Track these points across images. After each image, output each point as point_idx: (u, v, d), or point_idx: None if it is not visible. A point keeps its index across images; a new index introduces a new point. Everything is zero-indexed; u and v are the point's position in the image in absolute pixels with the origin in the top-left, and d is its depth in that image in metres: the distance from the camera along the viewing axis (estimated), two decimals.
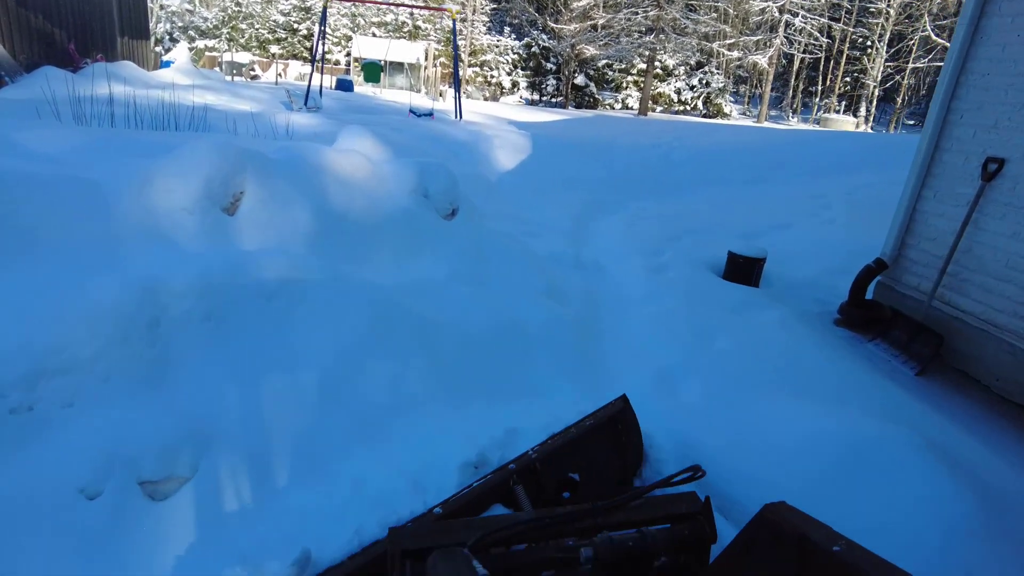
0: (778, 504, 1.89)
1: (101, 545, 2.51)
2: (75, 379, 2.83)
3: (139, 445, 2.80)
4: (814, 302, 7.05)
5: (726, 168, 13.38)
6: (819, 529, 1.75)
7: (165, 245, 3.60)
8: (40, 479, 2.56)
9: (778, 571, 1.79)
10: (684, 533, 2.22)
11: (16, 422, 2.64)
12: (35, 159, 3.76)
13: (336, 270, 4.13)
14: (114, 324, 3.01)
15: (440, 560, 1.78)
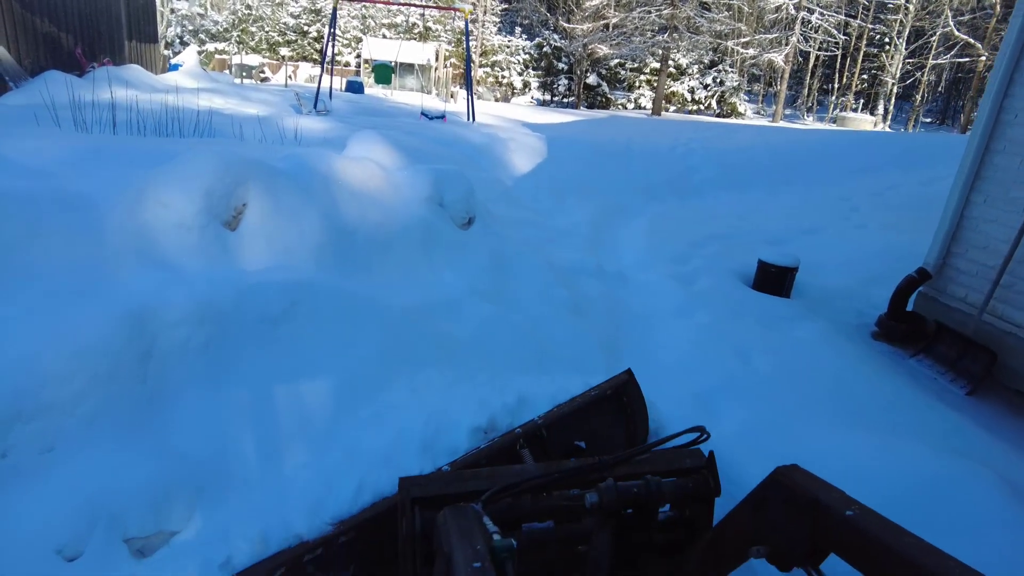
0: (790, 467, 1.86)
1: None
2: (55, 421, 2.53)
3: (127, 495, 2.49)
4: (850, 314, 6.67)
5: (747, 170, 12.98)
6: (832, 493, 1.70)
7: (159, 266, 3.29)
8: (12, 537, 2.26)
9: (789, 533, 1.76)
10: (689, 486, 2.23)
11: None
12: (19, 172, 3.47)
13: (347, 289, 3.81)
14: (100, 358, 2.70)
15: (451, 516, 1.78)
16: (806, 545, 1.70)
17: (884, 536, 1.50)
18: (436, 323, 4.08)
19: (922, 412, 4.64)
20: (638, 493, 1.98)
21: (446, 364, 3.75)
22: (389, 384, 3.29)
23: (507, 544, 1.60)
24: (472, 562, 1.50)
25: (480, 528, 1.70)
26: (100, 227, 3.20)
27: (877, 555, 1.51)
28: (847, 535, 1.58)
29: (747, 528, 1.93)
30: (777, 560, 1.82)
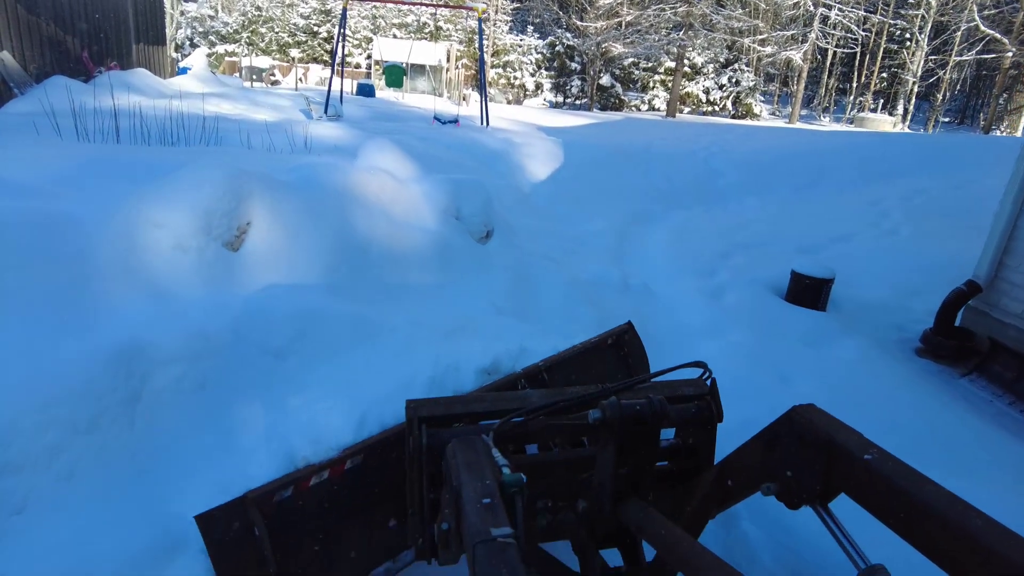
0: (807, 406, 1.84)
1: None
2: (26, 479, 2.22)
3: (110, 563, 2.18)
4: (890, 329, 6.28)
5: (771, 174, 12.57)
6: (850, 435, 1.68)
7: (152, 294, 2.97)
8: None
9: (801, 472, 1.74)
10: (692, 411, 2.25)
11: None
12: (3, 190, 3.17)
13: (359, 314, 3.48)
14: (80, 405, 2.39)
15: (459, 449, 1.76)
16: (818, 485, 1.69)
17: (903, 482, 1.46)
18: (455, 348, 3.75)
19: (991, 446, 4.26)
20: (641, 411, 1.95)
21: None
22: None
23: (516, 479, 1.57)
24: (481, 498, 1.48)
25: (489, 461, 1.69)
26: (86, 252, 2.89)
27: (895, 500, 1.47)
28: (864, 478, 1.57)
29: (757, 464, 1.94)
30: (786, 497, 1.81)
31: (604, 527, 2.15)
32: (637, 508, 2.01)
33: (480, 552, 1.27)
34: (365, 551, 2.47)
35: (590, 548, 2.19)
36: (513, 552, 1.26)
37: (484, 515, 1.41)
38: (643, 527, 1.93)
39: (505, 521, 1.39)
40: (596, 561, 2.18)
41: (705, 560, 1.64)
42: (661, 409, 1.96)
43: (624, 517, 2.04)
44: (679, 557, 1.72)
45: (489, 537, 1.30)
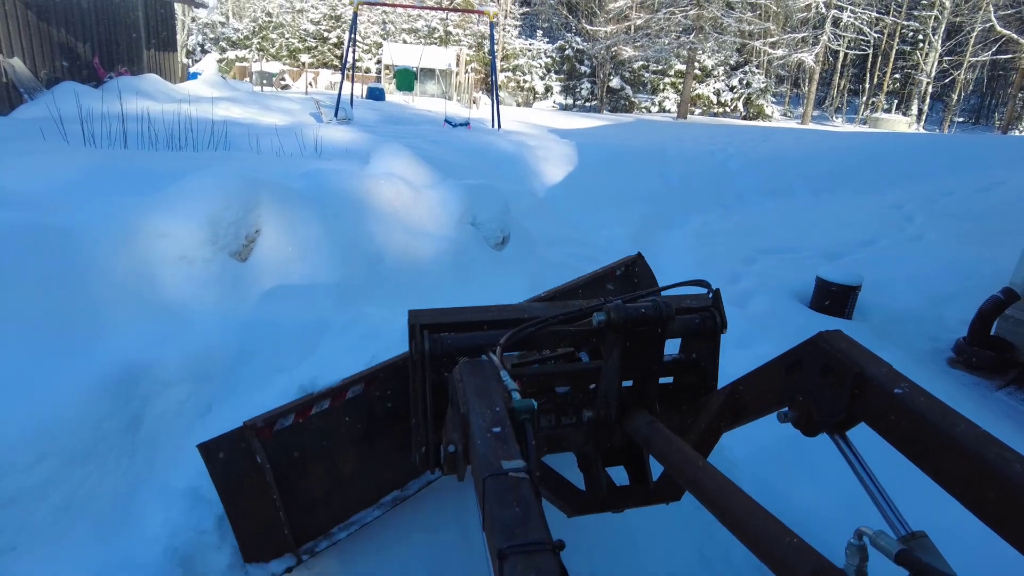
0: (834, 332, 1.77)
1: None
2: (18, 515, 2.06)
3: None
4: (921, 339, 6.05)
5: (789, 176, 12.34)
6: (879, 366, 1.59)
7: (155, 309, 2.81)
8: None
9: (824, 400, 1.68)
10: (695, 322, 2.23)
11: None
12: (9, 199, 3.02)
13: (373, 326, 3.31)
14: (77, 434, 2.23)
15: (467, 372, 1.71)
16: (841, 415, 1.63)
17: (936, 418, 1.40)
18: None
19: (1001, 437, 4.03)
20: (646, 312, 1.91)
21: None
22: None
23: (527, 405, 1.52)
24: (491, 427, 1.43)
25: (498, 386, 1.63)
26: (87, 267, 2.73)
27: (925, 437, 1.41)
28: (892, 412, 1.50)
29: (775, 388, 1.88)
30: (803, 424, 1.76)
31: (610, 439, 2.11)
32: (643, 420, 1.98)
33: (490, 486, 1.23)
34: (372, 480, 2.50)
35: (596, 464, 2.15)
36: (526, 487, 1.22)
37: (494, 446, 1.36)
38: (650, 440, 1.88)
39: (516, 452, 1.33)
40: (602, 477, 2.14)
41: (714, 479, 1.58)
42: (666, 311, 1.92)
43: (630, 429, 2.01)
44: (687, 475, 1.66)
45: (500, 471, 1.25)
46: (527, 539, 1.07)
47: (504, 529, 1.10)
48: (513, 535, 1.09)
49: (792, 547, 1.24)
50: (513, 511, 1.15)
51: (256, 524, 2.26)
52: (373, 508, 2.54)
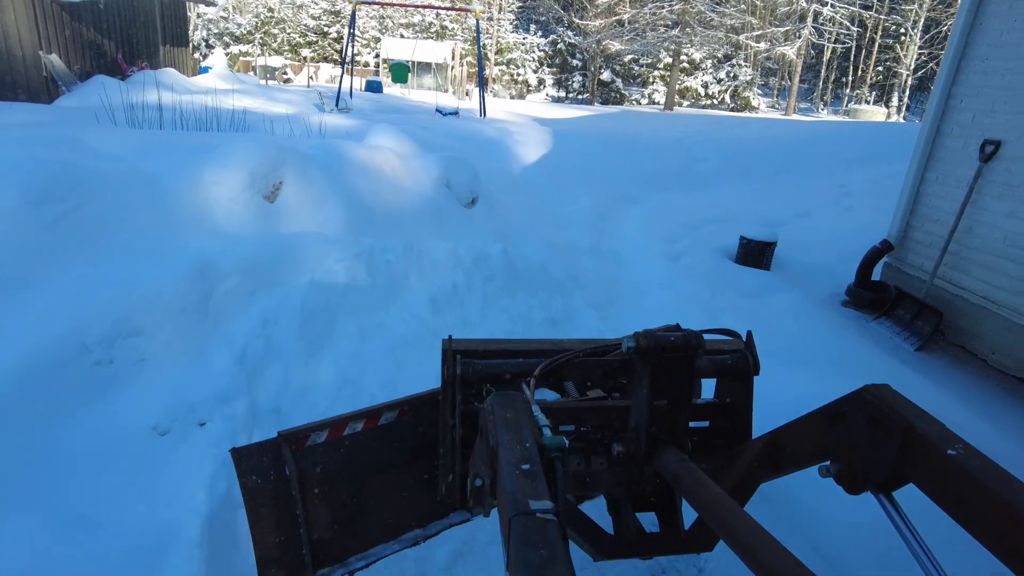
0: (882, 386, 1.68)
1: (169, 469, 2.96)
2: (144, 341, 3.31)
3: (197, 395, 3.26)
4: (826, 286, 7.28)
5: (751, 161, 13.52)
6: (931, 424, 1.52)
7: (214, 230, 4.07)
8: (124, 419, 3.04)
9: (869, 456, 1.61)
10: (727, 362, 2.24)
11: (101, 373, 3.12)
12: (102, 156, 4.26)
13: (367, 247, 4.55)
14: (173, 299, 3.48)
15: (498, 404, 1.69)
16: (887, 472, 1.55)
17: (994, 484, 1.31)
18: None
19: (869, 362, 5.27)
20: (675, 340, 1.91)
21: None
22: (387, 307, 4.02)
23: (558, 442, 1.48)
24: (520, 463, 1.39)
25: (529, 420, 1.61)
26: (168, 200, 3.99)
27: (982, 503, 1.33)
28: (944, 474, 1.41)
29: (817, 440, 1.81)
30: (846, 481, 1.68)
31: (640, 479, 2.07)
32: (674, 457, 1.93)
33: (516, 526, 1.20)
34: (395, 513, 2.48)
35: (626, 507, 2.12)
36: (553, 529, 1.19)
37: (523, 483, 1.33)
38: (680, 478, 1.83)
39: (545, 492, 1.31)
40: (631, 521, 2.10)
41: (747, 525, 1.51)
42: (695, 341, 1.93)
43: (660, 466, 1.96)
44: (717, 518, 1.61)
45: (528, 510, 1.22)
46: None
47: (529, 571, 1.08)
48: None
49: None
50: (539, 553, 1.12)
51: (276, 537, 2.28)
52: (393, 543, 2.52)
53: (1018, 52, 5.33)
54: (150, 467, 2.95)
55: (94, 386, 3.10)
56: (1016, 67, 5.33)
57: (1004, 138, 5.40)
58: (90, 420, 3.01)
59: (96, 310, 3.24)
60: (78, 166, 3.72)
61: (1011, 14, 5.39)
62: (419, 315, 4.28)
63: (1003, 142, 5.40)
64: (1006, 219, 5.33)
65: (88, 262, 3.43)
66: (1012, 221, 5.27)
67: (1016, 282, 5.20)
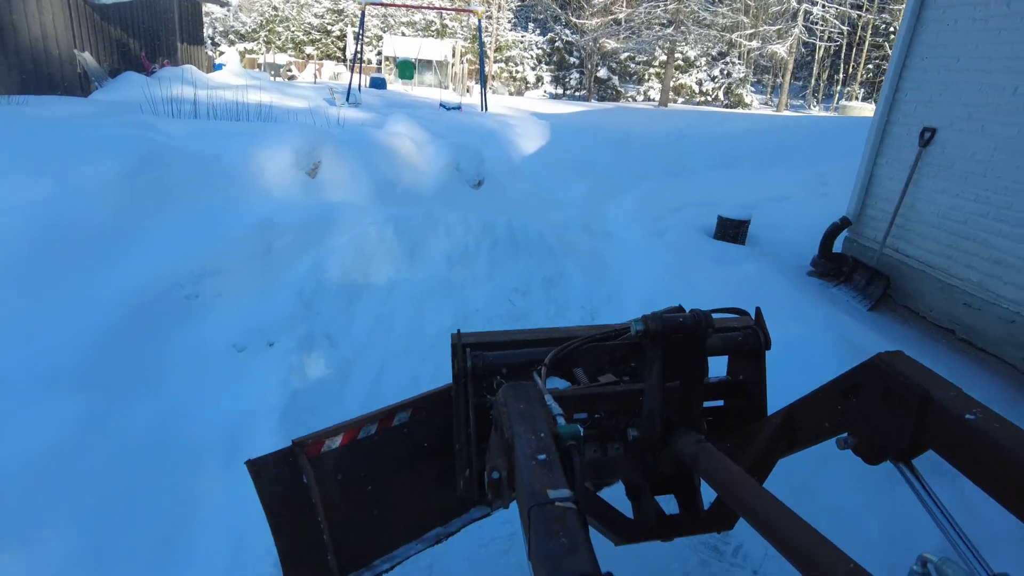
0: (894, 353, 1.69)
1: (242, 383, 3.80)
2: (222, 279, 4.16)
3: (266, 322, 4.11)
4: (794, 258, 8.13)
5: (737, 154, 14.37)
6: (948, 390, 1.53)
7: (269, 197, 4.92)
8: (210, 338, 3.89)
9: (886, 426, 1.62)
10: (738, 339, 2.27)
11: (190, 304, 3.97)
12: (170, 136, 5.11)
13: (392, 215, 5.40)
14: (243, 247, 4.33)
15: (510, 396, 1.71)
16: (905, 441, 1.56)
17: (1014, 447, 1.32)
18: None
19: (824, 318, 6.13)
20: (683, 322, 1.91)
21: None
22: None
23: (573, 430, 1.50)
24: (536, 454, 1.41)
25: (543, 411, 1.63)
26: (232, 172, 4.84)
27: (1003, 467, 1.35)
28: (964, 439, 1.43)
29: (833, 414, 1.81)
30: (864, 451, 1.69)
31: (657, 463, 2.08)
32: (690, 439, 1.93)
33: (536, 516, 1.21)
34: (416, 512, 2.51)
35: (644, 491, 2.13)
36: (572, 517, 1.20)
37: (539, 474, 1.34)
38: (697, 459, 1.84)
39: (562, 480, 1.32)
40: (651, 505, 2.11)
41: (765, 501, 1.52)
42: (705, 321, 1.93)
43: (677, 449, 1.96)
44: (736, 496, 1.62)
45: (546, 500, 1.23)
46: (574, 571, 1.05)
47: (551, 561, 1.07)
48: (559, 567, 1.06)
49: (849, 573, 1.19)
50: (559, 542, 1.11)
51: (301, 546, 2.31)
52: (416, 542, 2.54)
53: (950, 51, 6.17)
54: (233, 375, 3.80)
55: (185, 313, 3.95)
56: (949, 64, 6.18)
57: (939, 125, 6.25)
58: (185, 338, 3.86)
59: (184, 256, 4.10)
60: (161, 144, 4.58)
61: (944, 19, 6.24)
62: (437, 270, 5.13)
63: (938, 129, 6.25)
64: (939, 195, 6.18)
65: (176, 219, 4.29)
66: (944, 197, 6.12)
67: (945, 248, 6.06)
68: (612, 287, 6.37)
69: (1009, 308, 5.32)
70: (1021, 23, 5.36)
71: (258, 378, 3.80)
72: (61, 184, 3.96)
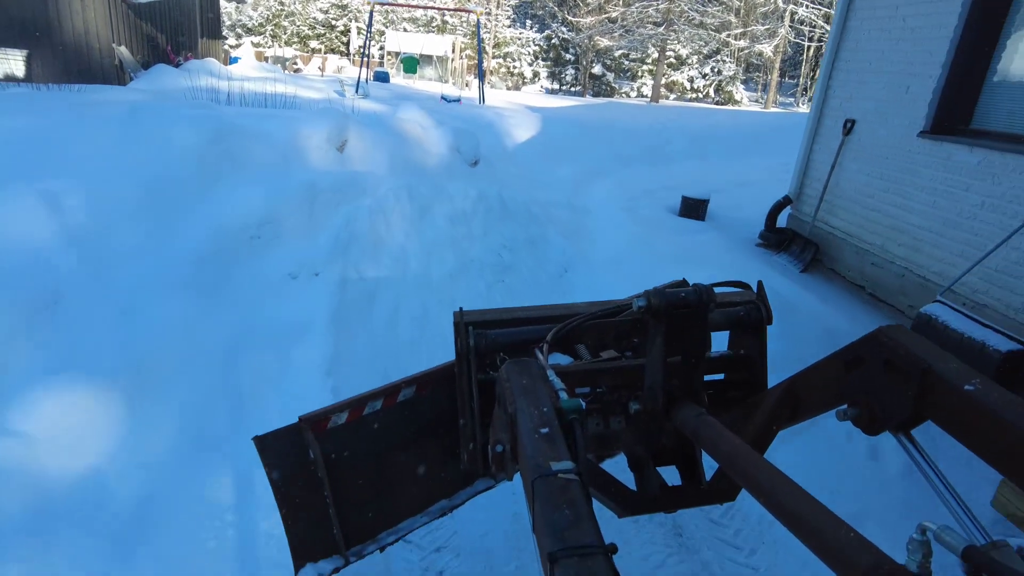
0: (895, 327, 1.72)
1: (299, 298, 5.09)
2: (277, 226, 5.45)
3: (311, 258, 5.40)
4: (746, 232, 9.44)
5: (714, 145, 15.66)
6: (948, 362, 1.55)
7: (310, 166, 6.23)
8: (271, 270, 5.18)
9: (887, 398, 1.65)
10: (739, 313, 2.28)
11: (254, 243, 5.26)
12: (227, 116, 6.40)
13: (405, 183, 6.70)
14: (293, 202, 5.62)
15: (513, 372, 1.73)
16: (906, 413, 1.59)
17: (1014, 417, 1.33)
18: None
19: (761, 276, 7.43)
20: (686, 296, 1.93)
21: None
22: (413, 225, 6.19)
23: (575, 404, 1.52)
24: (539, 427, 1.43)
25: (545, 386, 1.65)
26: (280, 146, 6.14)
27: (1001, 436, 1.36)
28: (963, 410, 1.45)
29: (834, 385, 1.84)
30: (865, 423, 1.72)
31: (659, 435, 2.11)
32: (692, 412, 1.95)
33: (539, 488, 1.21)
34: (420, 486, 2.55)
35: (647, 463, 2.15)
36: (575, 488, 1.20)
37: (543, 447, 1.35)
38: (699, 432, 1.85)
39: (565, 453, 1.32)
40: (653, 477, 2.14)
41: (766, 472, 1.51)
42: (707, 296, 1.93)
43: (679, 421, 1.98)
44: (737, 468, 1.61)
45: (549, 472, 1.24)
46: (578, 542, 1.06)
47: (554, 532, 1.09)
48: (564, 538, 1.07)
49: (850, 541, 1.18)
50: (563, 513, 1.13)
51: (307, 520, 2.35)
52: (421, 515, 2.59)
53: (865, 57, 7.47)
54: (290, 295, 5.11)
55: (251, 250, 5.25)
56: (864, 67, 7.48)
57: (857, 117, 7.55)
58: (252, 268, 5.16)
59: (249, 207, 5.39)
60: (228, 122, 5.87)
61: (861, 29, 7.54)
62: (440, 227, 6.43)
63: (856, 120, 7.56)
64: (856, 175, 7.49)
65: (242, 178, 5.59)
66: (860, 176, 7.43)
67: (860, 219, 7.37)
68: (585, 248, 7.68)
69: (900, 265, 6.65)
70: (912, 35, 6.67)
71: (308, 298, 5.11)
72: (161, 149, 5.26)
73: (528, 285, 6.46)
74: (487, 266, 6.39)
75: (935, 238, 6.22)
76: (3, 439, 3.32)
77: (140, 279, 4.43)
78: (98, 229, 4.53)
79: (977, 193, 5.78)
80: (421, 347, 5.13)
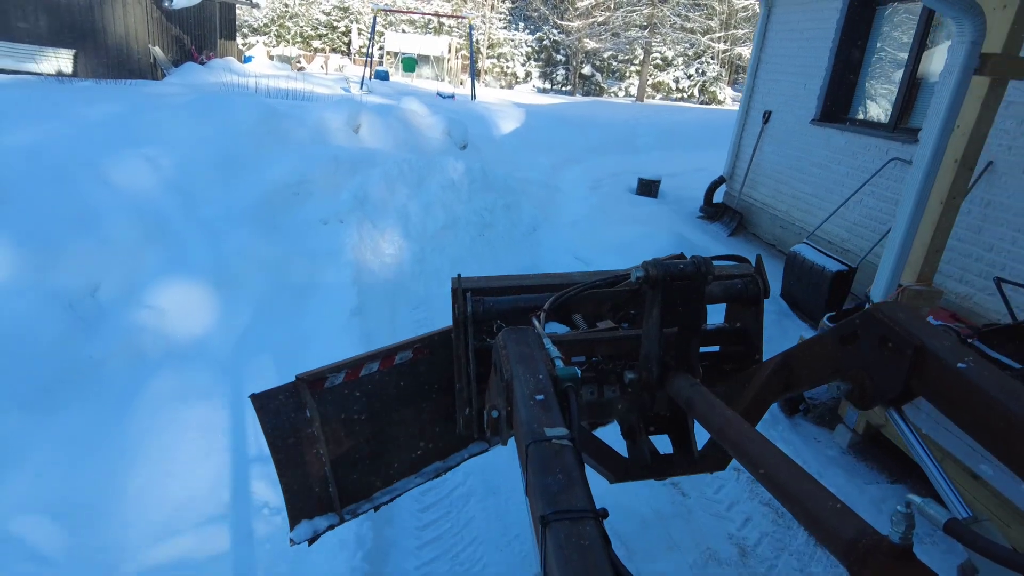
0: (891, 304, 1.70)
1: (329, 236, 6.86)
2: (311, 185, 7.23)
3: (337, 209, 7.17)
4: (691, 207, 11.24)
5: (681, 138, 17.45)
6: (941, 339, 1.55)
7: (333, 142, 8.02)
8: (308, 216, 6.96)
9: (880, 374, 1.66)
10: (737, 286, 2.32)
11: (295, 198, 7.04)
12: (267, 104, 8.17)
13: (406, 159, 8.48)
14: (321, 169, 7.41)
15: (510, 340, 1.76)
16: (899, 388, 1.61)
17: (1001, 395, 1.35)
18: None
19: (696, 238, 9.23)
20: (684, 268, 1.95)
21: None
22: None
23: (570, 372, 1.55)
24: (534, 394, 1.45)
25: (541, 353, 1.67)
26: (310, 126, 7.93)
27: (990, 414, 1.38)
28: (954, 387, 1.47)
29: (828, 359, 1.86)
30: (857, 397, 1.75)
31: (652, 404, 2.11)
32: (686, 382, 1.97)
33: (533, 453, 1.24)
34: (415, 448, 2.62)
35: (640, 431, 2.18)
36: (569, 454, 1.22)
37: (537, 413, 1.37)
38: (692, 402, 1.88)
39: (560, 419, 1.35)
40: (645, 444, 2.17)
41: (756, 443, 1.54)
42: (705, 268, 1.96)
43: (672, 391, 2.01)
44: (728, 438, 1.65)
45: (543, 437, 1.26)
46: (570, 506, 1.08)
47: (547, 496, 1.11)
48: (556, 502, 1.09)
49: (835, 511, 1.21)
50: (556, 478, 1.15)
51: (302, 477, 2.41)
52: (415, 476, 2.65)
53: (778, 59, 9.28)
54: (321, 234, 6.88)
55: (294, 202, 7.03)
56: (777, 68, 9.29)
57: (773, 109, 9.36)
58: (295, 215, 6.93)
59: (290, 171, 7.17)
60: (272, 107, 7.66)
61: (775, 36, 9.36)
62: (435, 193, 8.21)
63: (772, 111, 9.37)
64: (771, 156, 9.30)
65: (285, 150, 7.37)
66: (774, 157, 9.24)
67: (773, 191, 9.17)
68: (551, 214, 9.48)
69: (799, 225, 8.46)
70: (808, 43, 8.48)
71: (336, 236, 6.88)
72: (224, 128, 7.04)
73: (503, 239, 8.23)
74: (471, 224, 8.16)
75: (819, 202, 8.04)
76: (144, 309, 5.10)
77: (218, 216, 6.21)
78: (188, 181, 6.31)
79: (845, 166, 7.61)
80: (420, 278, 6.91)
